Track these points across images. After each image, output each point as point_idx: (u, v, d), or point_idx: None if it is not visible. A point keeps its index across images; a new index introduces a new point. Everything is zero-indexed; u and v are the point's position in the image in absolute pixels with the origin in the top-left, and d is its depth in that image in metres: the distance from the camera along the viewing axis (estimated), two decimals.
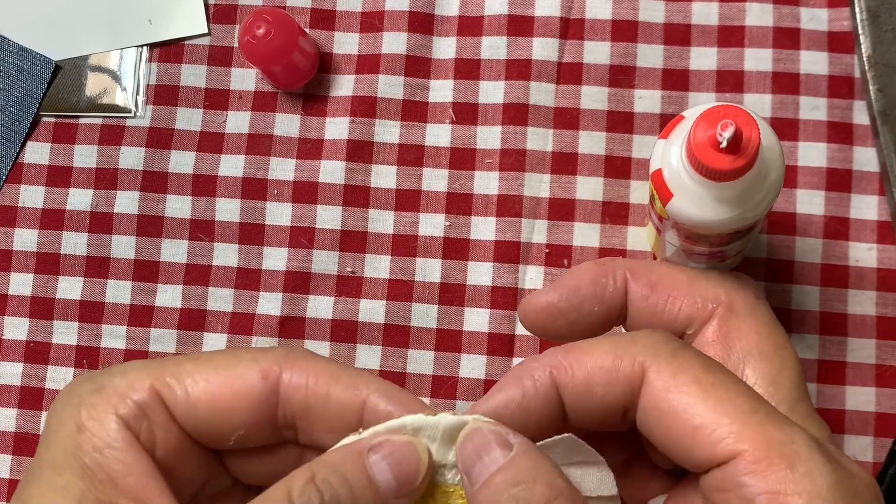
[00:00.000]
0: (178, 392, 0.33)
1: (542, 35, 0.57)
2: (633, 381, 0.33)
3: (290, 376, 0.33)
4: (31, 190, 0.58)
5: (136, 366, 0.34)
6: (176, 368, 0.33)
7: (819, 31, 0.56)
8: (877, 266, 0.54)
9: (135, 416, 0.32)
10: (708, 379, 0.32)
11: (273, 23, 0.54)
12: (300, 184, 0.57)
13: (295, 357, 0.34)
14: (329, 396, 0.33)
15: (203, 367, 0.33)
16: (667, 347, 0.33)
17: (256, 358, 0.33)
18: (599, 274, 0.38)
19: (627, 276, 0.38)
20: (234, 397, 0.33)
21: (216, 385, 0.33)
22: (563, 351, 0.34)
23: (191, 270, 0.57)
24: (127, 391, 0.32)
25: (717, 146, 0.39)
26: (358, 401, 0.33)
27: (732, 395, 0.31)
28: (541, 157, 0.56)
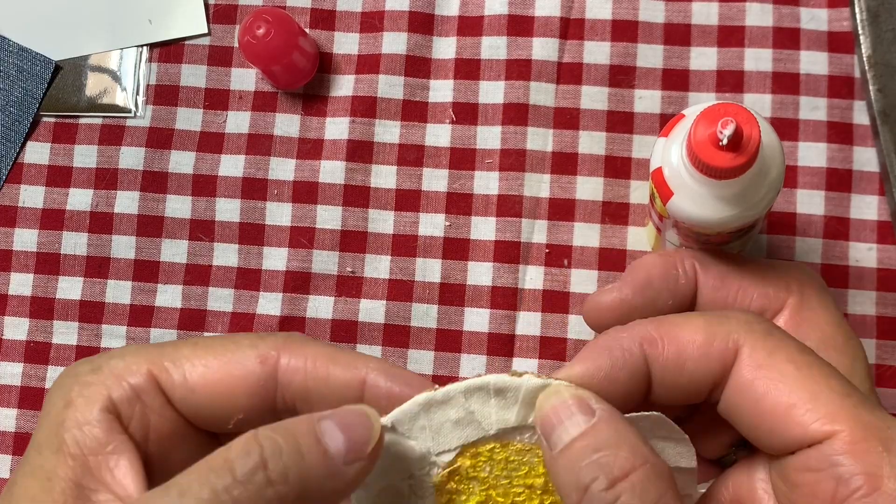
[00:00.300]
0: (175, 377, 0.33)
1: (542, 35, 0.57)
2: (726, 357, 0.32)
3: (288, 360, 0.33)
4: (31, 190, 0.58)
5: (135, 349, 0.33)
6: (174, 353, 0.33)
7: (819, 31, 0.56)
8: (877, 266, 0.54)
9: (128, 398, 0.32)
10: (803, 360, 0.32)
11: (273, 23, 0.54)
12: (300, 184, 0.57)
13: (293, 342, 0.34)
14: (328, 378, 0.33)
15: (201, 352, 0.33)
16: (761, 326, 0.33)
17: (255, 343, 0.33)
18: (669, 266, 0.37)
19: (697, 267, 0.37)
20: (233, 382, 0.33)
21: (214, 370, 0.33)
22: (654, 324, 0.33)
23: (191, 270, 0.57)
24: (123, 374, 0.32)
25: (718, 144, 0.39)
26: (357, 380, 0.33)
27: (827, 378, 0.31)
28: (541, 157, 0.56)
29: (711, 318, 0.33)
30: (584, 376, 0.32)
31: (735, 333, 0.32)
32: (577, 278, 0.55)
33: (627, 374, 0.33)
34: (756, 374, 0.32)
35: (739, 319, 0.33)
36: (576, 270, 0.55)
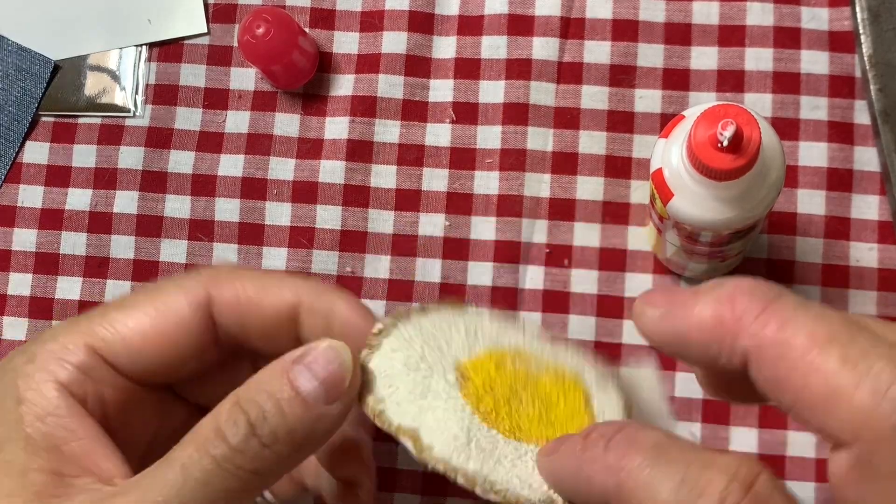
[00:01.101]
0: (115, 345, 0.32)
1: (543, 35, 0.57)
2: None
3: (219, 293, 0.33)
4: (30, 190, 0.58)
5: (66, 327, 0.33)
6: (105, 319, 0.33)
7: (820, 31, 0.56)
8: (877, 266, 0.54)
9: (76, 379, 0.32)
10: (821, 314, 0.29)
11: (273, 22, 0.54)
12: (300, 184, 0.57)
13: (219, 276, 0.33)
14: (261, 307, 0.33)
15: (130, 310, 0.33)
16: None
17: (180, 284, 0.33)
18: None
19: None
20: (171, 331, 0.33)
21: (149, 325, 0.33)
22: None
23: (190, 270, 0.57)
24: (62, 355, 0.32)
25: (718, 145, 0.39)
26: (288, 303, 0.33)
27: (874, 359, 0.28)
28: (541, 156, 0.56)
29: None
30: None
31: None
32: (578, 278, 0.55)
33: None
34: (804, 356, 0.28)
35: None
36: (576, 270, 0.55)
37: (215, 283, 0.33)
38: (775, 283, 0.31)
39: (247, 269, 0.34)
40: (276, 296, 0.33)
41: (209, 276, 0.33)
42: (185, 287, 0.33)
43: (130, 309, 0.33)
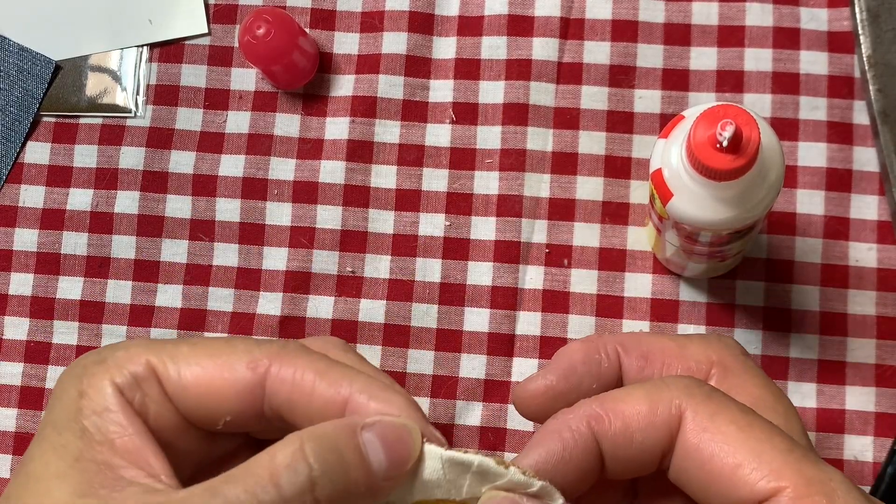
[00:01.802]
0: (171, 372, 0.33)
1: (542, 35, 0.57)
2: (671, 424, 0.33)
3: (277, 370, 0.33)
4: (31, 190, 0.59)
5: (138, 342, 0.34)
6: (174, 350, 0.34)
7: (819, 31, 0.56)
8: (877, 266, 0.54)
9: (129, 385, 0.33)
10: (745, 420, 0.32)
11: (273, 23, 0.54)
12: (300, 184, 0.57)
13: (287, 352, 0.34)
14: (313, 393, 0.33)
15: (198, 351, 0.34)
16: (700, 390, 0.33)
17: (250, 349, 0.34)
18: (591, 351, 0.37)
19: (619, 350, 0.37)
20: (223, 384, 0.33)
21: (208, 370, 0.33)
22: (597, 401, 0.34)
23: (191, 270, 0.57)
24: (125, 363, 0.33)
25: (717, 146, 0.39)
26: (340, 399, 0.33)
27: (769, 435, 0.32)
28: (541, 157, 0.56)
29: (651, 387, 0.34)
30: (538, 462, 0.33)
31: (677, 399, 0.33)
32: (577, 278, 0.55)
33: (580, 454, 0.33)
34: (701, 438, 0.32)
35: (679, 385, 0.34)
36: (576, 270, 0.55)
37: (280, 358, 0.33)
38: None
39: (316, 354, 0.34)
40: (329, 388, 0.33)
41: (279, 348, 0.34)
42: (254, 351, 0.34)
43: (200, 350, 0.34)
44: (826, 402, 0.53)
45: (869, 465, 0.52)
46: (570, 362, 0.37)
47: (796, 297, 0.54)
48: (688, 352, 0.37)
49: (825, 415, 0.53)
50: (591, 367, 0.37)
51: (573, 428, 0.33)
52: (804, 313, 0.54)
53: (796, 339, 0.54)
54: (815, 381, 0.53)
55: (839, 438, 0.53)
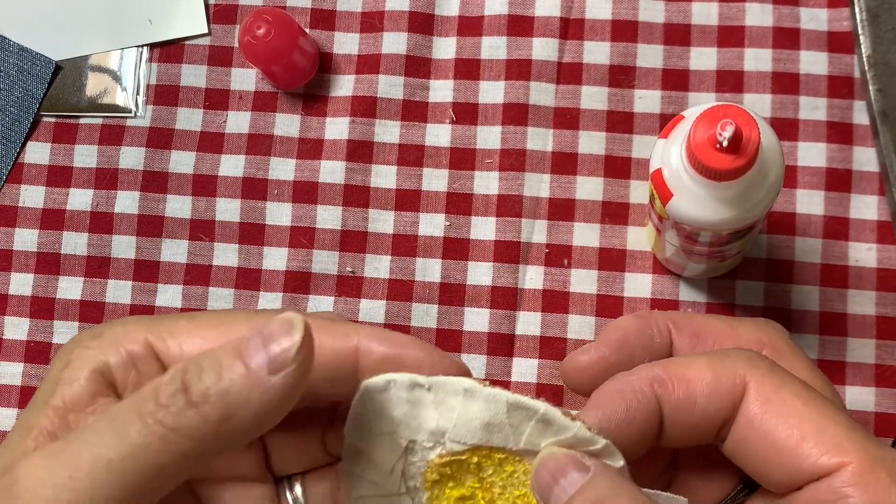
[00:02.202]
0: (171, 348, 0.33)
1: (542, 35, 0.57)
2: (735, 393, 0.33)
3: None
4: (31, 190, 0.59)
5: (136, 319, 0.34)
6: (172, 325, 0.34)
7: (819, 31, 0.56)
8: (876, 266, 0.54)
9: (123, 364, 0.33)
10: (809, 395, 0.32)
11: (273, 23, 0.54)
12: (300, 184, 0.57)
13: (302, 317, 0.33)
14: (321, 347, 0.32)
15: (199, 323, 0.34)
16: (764, 363, 0.33)
17: (250, 317, 0.34)
18: (644, 326, 0.37)
19: (670, 326, 0.37)
20: None
21: (210, 341, 0.33)
22: (661, 365, 0.34)
23: (191, 270, 0.57)
24: (121, 340, 0.33)
25: (717, 146, 0.39)
26: (350, 347, 0.33)
27: (833, 412, 0.32)
28: (541, 157, 0.56)
29: (715, 356, 0.34)
30: (602, 421, 0.33)
31: (742, 370, 0.33)
32: (577, 278, 0.55)
33: (643, 416, 0.33)
34: (766, 409, 0.32)
35: (742, 357, 0.34)
36: (576, 270, 0.55)
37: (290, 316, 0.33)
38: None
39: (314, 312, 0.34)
40: (336, 340, 0.33)
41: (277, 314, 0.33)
42: (254, 318, 0.33)
43: (200, 321, 0.34)
44: None
45: None
46: (624, 334, 0.37)
47: (796, 297, 0.54)
48: (739, 332, 0.37)
49: None
50: (644, 341, 0.37)
51: (637, 389, 0.33)
52: (804, 313, 0.54)
53: (796, 339, 0.54)
54: None
55: None
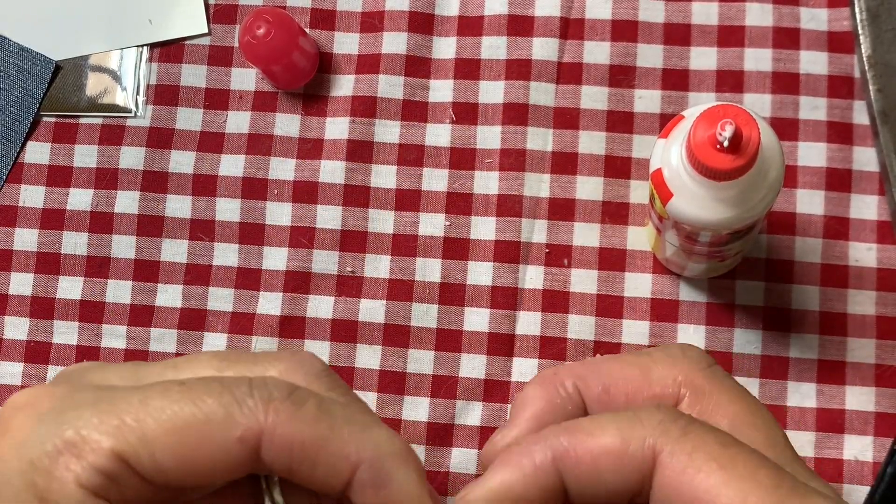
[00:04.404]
0: (144, 460, 0.30)
1: (542, 35, 0.57)
2: (644, 463, 0.31)
3: (271, 439, 0.30)
4: (31, 190, 0.59)
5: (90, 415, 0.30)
6: (138, 428, 0.30)
7: (819, 31, 0.56)
8: (876, 266, 0.54)
9: (101, 484, 0.29)
10: (726, 455, 0.30)
11: (273, 23, 0.54)
12: (300, 184, 0.57)
13: (278, 415, 0.30)
14: (316, 462, 0.31)
15: (167, 426, 0.30)
16: (676, 425, 0.31)
17: (231, 414, 0.30)
18: (551, 395, 0.35)
19: (578, 385, 0.35)
20: (209, 462, 0.30)
21: (187, 452, 0.30)
22: (565, 432, 0.32)
23: (191, 270, 0.57)
24: (87, 455, 0.29)
25: (717, 146, 0.39)
26: (348, 470, 0.31)
27: (753, 470, 0.30)
28: (541, 156, 0.56)
29: (623, 421, 0.31)
30: (498, 494, 0.31)
31: (651, 437, 0.31)
32: (577, 278, 0.55)
33: (540, 491, 0.31)
34: (680, 481, 0.30)
35: (653, 421, 0.31)
36: (576, 270, 0.55)
37: (271, 422, 0.30)
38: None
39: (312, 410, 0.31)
40: (335, 457, 0.31)
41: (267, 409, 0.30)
42: (236, 415, 0.30)
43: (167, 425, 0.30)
44: (826, 402, 0.53)
45: (869, 464, 0.52)
46: (534, 410, 0.35)
47: (796, 297, 0.54)
48: (652, 376, 0.35)
49: (825, 415, 0.53)
50: (557, 411, 0.35)
51: (537, 463, 0.31)
52: (804, 313, 0.54)
53: (796, 339, 0.54)
54: (814, 381, 0.53)
55: (839, 438, 0.53)
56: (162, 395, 0.30)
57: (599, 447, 0.31)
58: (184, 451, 0.30)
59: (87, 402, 0.30)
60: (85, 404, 0.30)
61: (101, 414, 0.30)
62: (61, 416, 0.30)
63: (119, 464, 0.29)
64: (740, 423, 0.33)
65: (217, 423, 0.30)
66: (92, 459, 0.29)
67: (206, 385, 0.31)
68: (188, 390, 0.30)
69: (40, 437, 0.29)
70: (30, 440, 0.30)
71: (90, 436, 0.29)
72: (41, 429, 0.30)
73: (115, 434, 0.29)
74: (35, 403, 0.31)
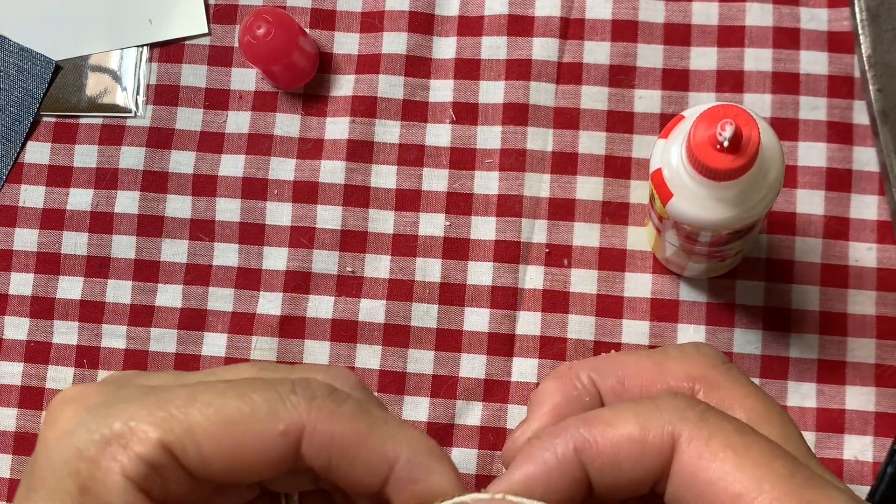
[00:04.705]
0: (190, 452, 0.30)
1: (542, 35, 0.57)
2: (664, 450, 0.31)
3: (312, 433, 0.31)
4: (31, 190, 0.59)
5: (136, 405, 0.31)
6: (186, 420, 0.30)
7: (819, 31, 0.56)
8: (876, 266, 0.54)
9: (146, 475, 0.30)
10: (742, 442, 0.31)
11: (273, 23, 0.54)
12: (300, 184, 0.57)
13: (321, 413, 0.31)
14: (356, 458, 0.31)
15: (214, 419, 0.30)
16: (693, 412, 0.31)
17: (274, 408, 0.31)
18: (567, 389, 0.35)
19: (593, 377, 0.35)
20: (253, 455, 0.31)
21: (232, 441, 0.30)
22: (585, 424, 0.32)
23: (191, 270, 0.57)
24: (134, 446, 0.30)
25: (717, 146, 0.39)
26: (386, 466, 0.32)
27: (769, 459, 0.30)
28: (541, 156, 0.56)
29: (642, 409, 0.32)
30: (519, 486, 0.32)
31: (669, 424, 0.31)
32: (577, 278, 0.55)
33: (565, 480, 0.32)
34: (697, 466, 0.30)
35: (670, 406, 0.32)
36: (576, 270, 0.55)
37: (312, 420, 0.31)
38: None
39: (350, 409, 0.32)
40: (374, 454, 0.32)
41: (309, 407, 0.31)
42: (280, 412, 0.31)
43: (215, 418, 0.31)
44: (826, 402, 0.53)
45: (869, 464, 0.52)
46: (552, 404, 0.35)
47: (796, 297, 0.54)
48: (666, 370, 0.35)
49: (825, 415, 0.53)
50: (574, 404, 0.35)
51: (559, 455, 0.32)
52: (804, 313, 0.54)
53: (796, 338, 0.54)
54: (814, 380, 0.53)
55: (839, 438, 0.53)
56: (208, 390, 0.31)
57: (620, 436, 0.31)
58: (229, 443, 0.30)
59: (134, 397, 0.31)
60: (132, 399, 0.31)
61: (148, 406, 0.30)
62: (110, 409, 0.30)
63: (165, 454, 0.30)
64: (756, 418, 0.33)
65: (261, 418, 0.31)
66: (139, 450, 0.30)
67: (250, 382, 0.32)
68: (234, 386, 0.31)
69: (88, 427, 0.30)
70: (77, 430, 0.30)
71: (138, 427, 0.30)
72: (89, 420, 0.30)
73: (163, 425, 0.30)
74: (83, 398, 0.31)
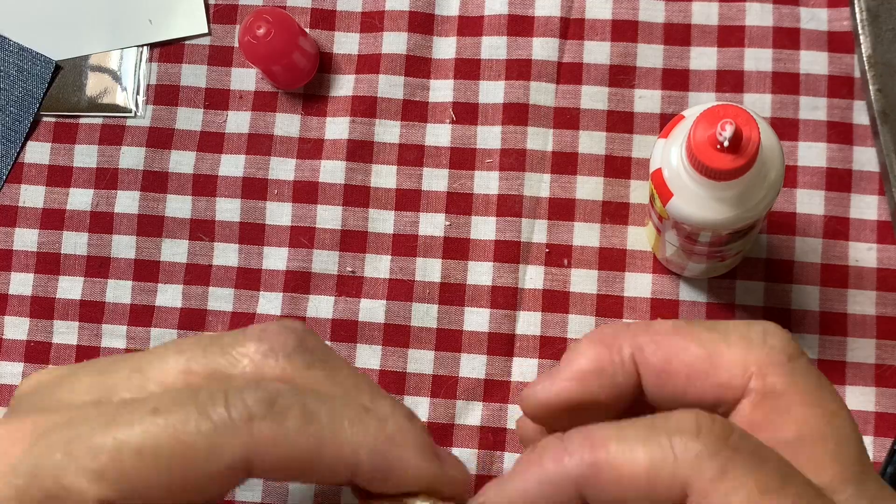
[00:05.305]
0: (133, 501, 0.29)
1: (542, 35, 0.57)
2: (672, 497, 0.28)
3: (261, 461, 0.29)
4: (31, 190, 0.59)
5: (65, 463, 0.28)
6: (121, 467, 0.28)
7: (819, 31, 0.56)
8: (876, 266, 0.54)
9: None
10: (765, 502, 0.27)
11: (273, 23, 0.54)
12: (300, 184, 0.57)
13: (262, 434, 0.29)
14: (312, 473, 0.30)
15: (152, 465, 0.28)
16: (713, 463, 0.28)
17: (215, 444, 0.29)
18: (603, 358, 0.32)
19: (635, 354, 0.32)
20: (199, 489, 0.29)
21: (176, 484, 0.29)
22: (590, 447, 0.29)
23: (191, 270, 0.57)
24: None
25: (717, 145, 0.39)
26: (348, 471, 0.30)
27: None
28: (541, 156, 0.56)
29: (656, 447, 0.28)
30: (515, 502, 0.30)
31: (682, 474, 0.28)
32: (577, 278, 0.55)
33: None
34: None
35: (688, 453, 0.28)
36: (576, 270, 0.55)
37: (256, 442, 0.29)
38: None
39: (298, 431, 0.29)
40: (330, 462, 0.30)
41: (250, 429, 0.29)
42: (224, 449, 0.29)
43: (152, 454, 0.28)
44: None
45: None
46: (581, 371, 0.32)
47: (796, 297, 0.54)
48: (721, 362, 0.31)
49: None
50: (605, 380, 0.32)
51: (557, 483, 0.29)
52: (804, 313, 0.54)
53: (796, 339, 0.54)
54: None
55: None
56: (138, 424, 0.29)
57: (627, 470, 0.28)
58: (171, 484, 0.29)
59: (59, 443, 0.29)
60: (57, 445, 0.28)
61: (78, 459, 0.28)
62: (37, 464, 0.28)
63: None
64: (808, 434, 0.30)
65: (202, 455, 0.29)
66: None
67: (181, 411, 0.29)
68: (164, 420, 0.29)
69: (18, 493, 0.28)
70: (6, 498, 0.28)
71: (72, 486, 0.28)
72: (18, 482, 0.28)
73: (98, 480, 0.28)
74: (4, 454, 0.29)
